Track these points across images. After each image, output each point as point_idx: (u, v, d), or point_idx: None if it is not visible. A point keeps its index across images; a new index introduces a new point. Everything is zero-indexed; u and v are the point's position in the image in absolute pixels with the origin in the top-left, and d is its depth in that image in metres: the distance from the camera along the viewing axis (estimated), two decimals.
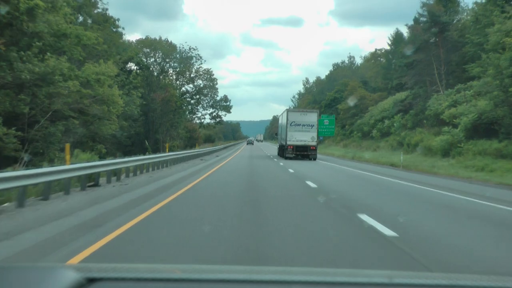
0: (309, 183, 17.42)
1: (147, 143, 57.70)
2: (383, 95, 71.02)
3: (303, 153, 38.14)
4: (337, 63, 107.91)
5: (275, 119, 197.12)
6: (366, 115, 66.22)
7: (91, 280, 1.52)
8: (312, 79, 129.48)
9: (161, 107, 60.13)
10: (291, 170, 26.75)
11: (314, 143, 38.37)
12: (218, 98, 69.00)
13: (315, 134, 38.78)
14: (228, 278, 1.72)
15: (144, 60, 61.15)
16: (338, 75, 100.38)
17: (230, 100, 69.52)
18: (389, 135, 52.16)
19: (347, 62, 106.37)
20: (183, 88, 66.62)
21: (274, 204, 11.29)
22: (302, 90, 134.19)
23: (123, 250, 6.22)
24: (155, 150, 56.69)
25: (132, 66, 58.86)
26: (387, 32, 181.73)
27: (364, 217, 9.03)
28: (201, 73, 66.89)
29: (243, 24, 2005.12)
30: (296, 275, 1.88)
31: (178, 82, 65.66)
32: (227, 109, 69.62)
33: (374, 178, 22.09)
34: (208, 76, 67.30)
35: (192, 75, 65.94)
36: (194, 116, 69.57)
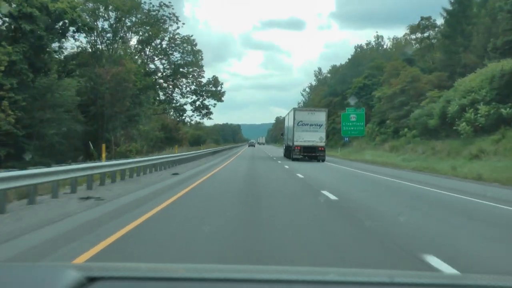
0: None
1: (91, 147, 36.53)
2: (441, 77, 48.99)
3: (311, 154, 36.75)
4: (361, 44, 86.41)
5: (279, 120, 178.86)
6: (426, 104, 44.14)
7: (92, 279, 1.50)
8: (325, 69, 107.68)
9: (111, 90, 38.32)
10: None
11: (322, 144, 37.11)
12: (204, 81, 47.35)
13: (323, 134, 37.51)
14: (229, 277, 1.70)
15: (88, 19, 39.53)
16: (364, 59, 78.38)
17: (221, 84, 47.85)
18: (494, 130, 29.85)
19: (373, 43, 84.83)
20: (152, 65, 45.01)
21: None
22: (314, 82, 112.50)
23: None
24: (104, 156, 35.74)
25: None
26: (388, 34, 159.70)
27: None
28: (178, 42, 45.15)
29: (243, 27, 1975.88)
30: (297, 274, 1.85)
31: (142, 55, 43.86)
32: (217, 96, 47.48)
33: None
34: (190, 47, 45.50)
35: (164, 45, 44.21)
36: (169, 107, 47.61)
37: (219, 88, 48.17)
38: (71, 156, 31.15)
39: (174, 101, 46.65)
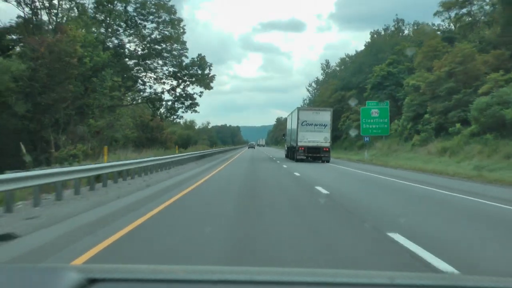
0: None
1: (23, 149, 24.15)
2: (502, 56, 36.96)
3: (315, 155, 35.66)
4: (378, 30, 74.03)
5: (280, 121, 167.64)
6: (488, 90, 32.03)
7: (92, 281, 1.50)
8: (333, 62, 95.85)
9: (47, 69, 26.21)
10: None
11: (327, 144, 35.85)
12: (187, 61, 35.03)
13: (328, 135, 36.12)
14: (229, 279, 1.69)
15: None
16: (384, 45, 66.31)
17: (210, 66, 35.45)
18: None
19: (392, 27, 72.55)
20: (114, 39, 32.81)
21: None
22: (320, 77, 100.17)
23: None
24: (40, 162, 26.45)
25: None
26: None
27: None
28: (152, 9, 32.96)
29: (243, 29, 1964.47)
30: (297, 275, 1.86)
31: (99, 27, 31.66)
32: (204, 81, 35.08)
33: None
34: (166, 15, 33.32)
35: (130, 11, 32.05)
36: (138, 96, 35.37)
37: (207, 72, 35.90)
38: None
39: (147, 89, 34.40)
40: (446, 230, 8.01)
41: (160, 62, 35.00)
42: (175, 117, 38.07)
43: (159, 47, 34.25)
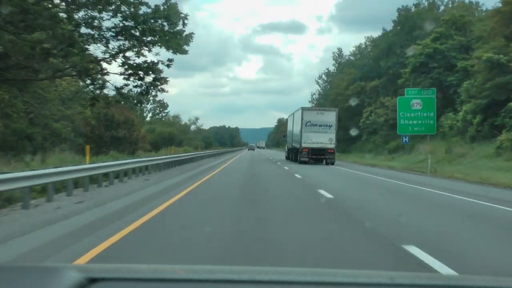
0: None
1: None
2: None
3: (320, 156, 34.59)
4: (407, 6, 59.93)
5: (281, 123, 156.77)
6: None
7: (93, 280, 1.48)
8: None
9: None
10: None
11: (332, 146, 34.47)
12: (146, 11, 21.36)
13: (333, 136, 34.68)
14: (230, 278, 1.68)
15: None
16: (414, 22, 52.68)
17: (184, 18, 21.68)
18: None
19: (425, 2, 58.66)
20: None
21: None
22: (332, 68, 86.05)
23: None
24: None
25: None
26: None
27: None
28: None
29: (243, 31, 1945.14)
30: (297, 275, 1.83)
31: None
32: (175, 42, 21.27)
33: None
34: None
35: None
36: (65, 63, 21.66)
37: (180, 28, 22.16)
38: None
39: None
40: None
41: (105, 14, 21.16)
42: (134, 102, 24.55)
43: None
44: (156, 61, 22.55)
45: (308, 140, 34.36)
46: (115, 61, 22.10)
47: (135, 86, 23.09)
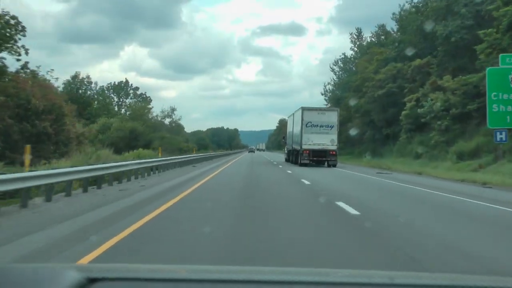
0: None
1: None
2: None
3: (321, 158, 33.72)
4: None
5: (282, 124, 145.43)
6: None
7: (93, 280, 1.47)
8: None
9: None
10: None
11: (334, 147, 33.60)
12: None
13: (335, 137, 33.89)
14: (230, 278, 1.67)
15: None
16: None
17: None
18: None
19: None
20: None
21: None
22: (350, 53, 71.08)
23: None
24: None
25: None
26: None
27: None
28: None
29: (242, 33, 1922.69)
30: (297, 275, 1.79)
31: None
32: None
33: None
34: None
35: None
36: None
37: None
38: None
39: None
40: None
41: None
42: None
43: None
44: None
45: (309, 141, 33.51)
46: None
47: None
